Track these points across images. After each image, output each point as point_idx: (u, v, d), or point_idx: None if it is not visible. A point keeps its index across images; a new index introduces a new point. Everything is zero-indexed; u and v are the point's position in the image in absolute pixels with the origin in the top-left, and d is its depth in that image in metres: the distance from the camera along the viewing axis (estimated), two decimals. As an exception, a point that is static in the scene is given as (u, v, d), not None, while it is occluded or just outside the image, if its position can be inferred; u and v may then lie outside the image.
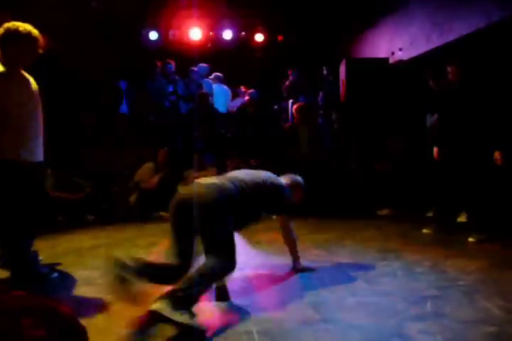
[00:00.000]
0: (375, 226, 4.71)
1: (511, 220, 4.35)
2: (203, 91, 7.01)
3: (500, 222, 4.32)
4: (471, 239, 4.02)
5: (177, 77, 7.61)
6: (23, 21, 2.99)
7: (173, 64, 7.65)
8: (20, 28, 2.91)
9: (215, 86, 7.74)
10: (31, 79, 3.07)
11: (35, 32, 2.97)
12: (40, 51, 3.01)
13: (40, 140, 3.06)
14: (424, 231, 4.40)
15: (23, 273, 3.00)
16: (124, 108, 7.33)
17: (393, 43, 7.51)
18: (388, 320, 2.27)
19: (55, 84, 5.59)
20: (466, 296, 2.57)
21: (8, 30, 2.90)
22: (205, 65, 7.88)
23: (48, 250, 4.01)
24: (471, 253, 3.56)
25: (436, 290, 2.68)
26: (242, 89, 8.10)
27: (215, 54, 8.64)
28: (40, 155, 3.05)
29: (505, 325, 2.16)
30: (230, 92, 8.07)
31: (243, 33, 9.10)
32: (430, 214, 5.04)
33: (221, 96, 7.79)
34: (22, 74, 3.02)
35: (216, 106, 7.22)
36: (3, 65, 2.92)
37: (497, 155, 3.99)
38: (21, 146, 2.92)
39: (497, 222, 4.26)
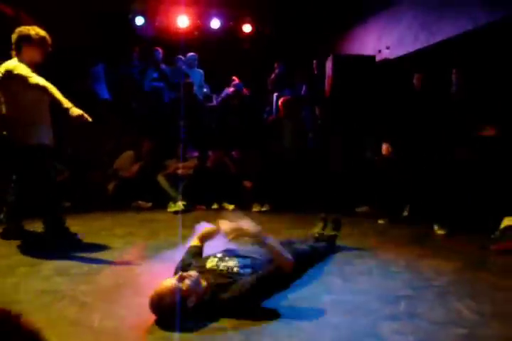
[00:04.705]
0: (353, 223, 4.73)
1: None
2: (189, 80, 6.92)
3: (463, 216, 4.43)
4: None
5: (163, 65, 7.50)
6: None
7: (160, 51, 7.53)
8: (31, 32, 3.47)
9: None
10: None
11: (44, 33, 3.53)
12: (50, 49, 3.58)
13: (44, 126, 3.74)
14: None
15: (55, 230, 3.71)
16: (105, 93, 7.17)
17: (381, 41, 7.51)
18: (362, 318, 2.29)
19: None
20: (439, 297, 2.61)
21: (20, 34, 3.49)
22: (193, 54, 7.77)
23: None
24: (446, 253, 3.60)
25: (411, 290, 2.71)
26: (235, 80, 7.98)
27: (202, 43, 8.53)
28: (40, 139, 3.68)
29: (475, 327, 2.19)
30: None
31: (231, 23, 8.99)
32: (406, 214, 5.09)
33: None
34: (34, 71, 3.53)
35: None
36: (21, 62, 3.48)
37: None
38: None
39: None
